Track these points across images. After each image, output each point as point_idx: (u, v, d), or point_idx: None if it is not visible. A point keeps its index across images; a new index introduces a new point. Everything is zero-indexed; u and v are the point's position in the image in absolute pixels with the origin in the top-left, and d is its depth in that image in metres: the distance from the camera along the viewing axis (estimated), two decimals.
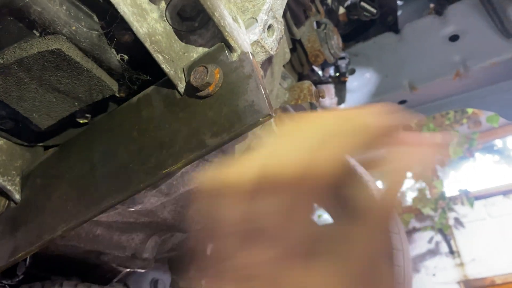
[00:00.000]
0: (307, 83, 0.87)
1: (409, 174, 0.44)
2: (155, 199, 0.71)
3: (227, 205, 0.38)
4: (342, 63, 1.26)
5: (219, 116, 0.50)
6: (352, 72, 1.36)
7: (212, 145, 0.50)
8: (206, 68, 0.52)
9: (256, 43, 0.57)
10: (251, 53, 0.52)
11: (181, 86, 0.55)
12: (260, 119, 0.47)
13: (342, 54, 1.19)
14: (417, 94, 1.27)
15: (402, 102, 1.31)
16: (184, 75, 0.55)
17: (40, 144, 0.69)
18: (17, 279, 0.85)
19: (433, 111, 1.33)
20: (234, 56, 0.53)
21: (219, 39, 0.55)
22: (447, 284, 5.01)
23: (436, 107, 1.32)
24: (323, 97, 0.95)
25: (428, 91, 1.26)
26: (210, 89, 0.52)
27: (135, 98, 0.59)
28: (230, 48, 0.53)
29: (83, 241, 0.77)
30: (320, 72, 1.29)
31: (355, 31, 1.39)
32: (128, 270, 0.93)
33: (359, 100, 1.32)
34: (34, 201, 0.63)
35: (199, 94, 0.52)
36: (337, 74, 1.29)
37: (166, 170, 0.52)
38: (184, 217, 0.88)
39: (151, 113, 0.56)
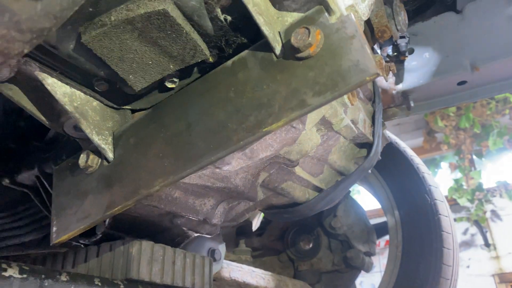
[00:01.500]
0: (378, 57, 0.87)
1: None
2: (239, 162, 0.73)
3: None
4: (402, 42, 1.24)
5: (321, 76, 0.52)
6: (411, 51, 1.34)
7: (315, 104, 0.51)
8: (308, 29, 0.53)
9: (350, 7, 0.58)
10: (352, 14, 0.52)
11: (278, 49, 0.56)
12: (367, 78, 0.48)
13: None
14: (478, 75, 1.24)
15: (462, 82, 1.29)
16: (281, 38, 0.57)
17: (129, 107, 0.72)
18: (95, 239, 0.89)
19: (493, 92, 1.31)
20: (333, 19, 0.54)
21: (316, 3, 0.56)
22: (481, 276, 4.93)
23: (497, 88, 1.29)
24: (393, 71, 0.95)
25: (490, 71, 1.23)
26: (311, 50, 0.53)
27: (229, 62, 0.61)
28: (329, 10, 0.54)
29: (163, 203, 0.80)
30: (378, 51, 1.28)
31: (414, 10, 1.37)
32: (196, 234, 0.96)
33: (418, 80, 1.31)
34: (128, 159, 0.66)
35: (299, 55, 0.54)
36: (395, 53, 1.28)
37: (266, 128, 0.53)
38: (253, 186, 0.91)
39: (247, 75, 0.58)
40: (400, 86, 1.35)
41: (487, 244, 5.01)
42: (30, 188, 1.01)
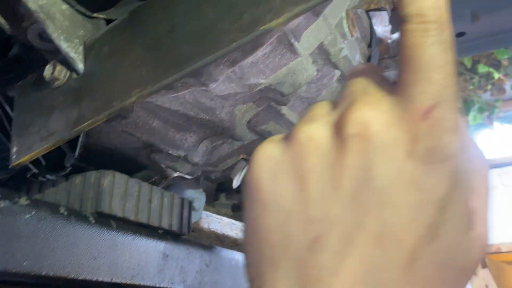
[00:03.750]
0: None
1: None
2: (227, 83, 0.66)
3: None
4: None
5: None
6: None
7: None
8: None
9: None
10: None
11: None
12: None
13: None
14: (478, 26, 1.18)
15: (461, 34, 1.23)
16: None
17: (103, 15, 0.63)
18: (64, 173, 0.81)
19: (492, 45, 1.25)
20: None
21: None
22: None
23: (497, 42, 1.24)
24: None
25: (491, 22, 1.18)
26: None
27: None
28: None
29: (140, 131, 0.72)
30: None
31: None
32: (176, 174, 0.89)
33: None
34: (100, 70, 0.58)
35: None
36: None
37: (264, 26, 0.46)
38: (239, 123, 0.84)
39: None
40: (396, 35, 1.28)
41: None
42: None
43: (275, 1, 0.46)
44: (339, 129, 0.27)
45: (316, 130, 0.28)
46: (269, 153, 0.30)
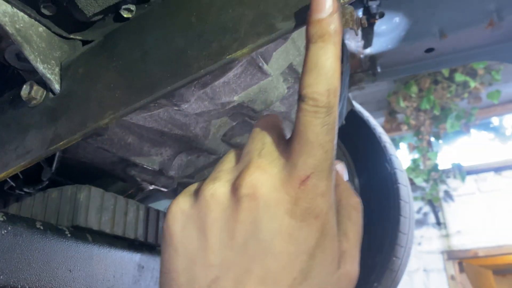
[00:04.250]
0: (350, 8, 0.84)
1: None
2: (199, 102, 0.68)
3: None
4: (373, 4, 1.22)
5: None
6: (382, 15, 1.31)
7: (284, 29, 0.47)
8: None
9: None
10: None
11: None
12: (341, 1, 0.44)
13: None
14: (446, 42, 1.24)
15: (430, 50, 1.28)
16: None
17: (79, 37, 0.66)
18: (41, 186, 0.83)
19: (459, 61, 1.31)
20: None
21: None
22: (431, 253, 5.15)
23: (464, 58, 1.29)
24: (364, 25, 0.91)
25: (458, 39, 1.23)
26: None
27: None
28: None
29: (115, 147, 0.74)
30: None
31: None
32: (151, 187, 0.91)
33: (386, 45, 1.29)
34: (76, 91, 0.60)
35: None
36: (365, 15, 1.25)
37: (230, 56, 0.49)
38: (214, 137, 0.86)
39: None
40: (368, 51, 1.33)
41: (438, 223, 5.22)
42: None
43: (240, 32, 0.49)
44: (235, 189, 0.33)
45: (218, 189, 0.34)
46: (181, 206, 0.36)
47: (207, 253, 0.32)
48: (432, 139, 5.37)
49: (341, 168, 0.43)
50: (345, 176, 0.43)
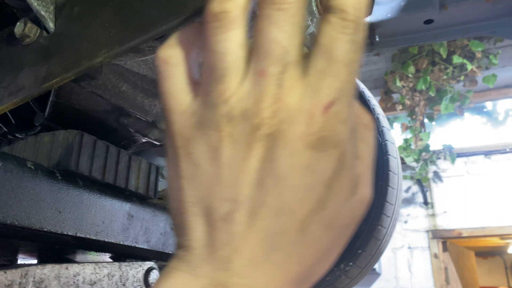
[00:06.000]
0: None
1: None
2: None
3: None
4: None
5: None
6: None
7: None
8: None
9: None
10: None
11: None
12: None
13: None
14: (446, 14, 1.23)
15: (429, 21, 1.28)
16: None
17: None
18: (33, 132, 0.83)
19: (458, 34, 1.31)
20: None
21: None
22: (416, 231, 5.25)
23: (463, 31, 1.29)
24: None
25: (458, 12, 1.23)
26: None
27: None
28: None
29: (109, 94, 0.74)
30: None
31: None
32: (144, 140, 0.91)
33: (386, 14, 1.28)
34: (70, 30, 0.59)
35: None
36: None
37: None
38: None
39: None
40: (367, 18, 1.32)
41: (425, 203, 5.30)
42: None
43: None
44: (255, 128, 0.30)
45: (236, 127, 0.30)
46: (182, 102, 0.34)
47: (221, 187, 0.30)
48: (426, 120, 5.40)
49: None
50: None
